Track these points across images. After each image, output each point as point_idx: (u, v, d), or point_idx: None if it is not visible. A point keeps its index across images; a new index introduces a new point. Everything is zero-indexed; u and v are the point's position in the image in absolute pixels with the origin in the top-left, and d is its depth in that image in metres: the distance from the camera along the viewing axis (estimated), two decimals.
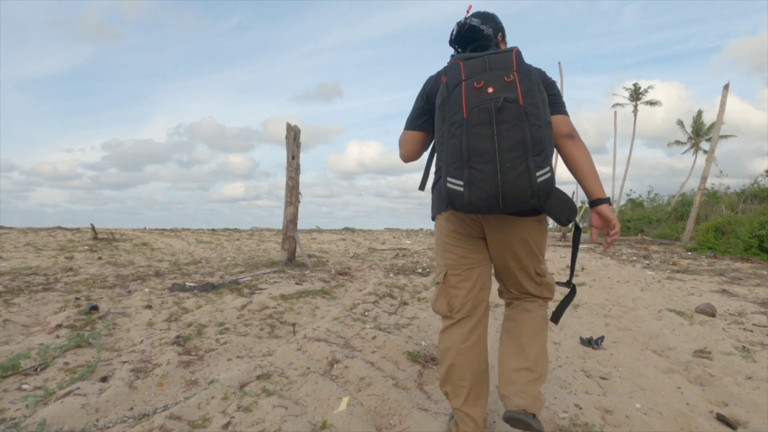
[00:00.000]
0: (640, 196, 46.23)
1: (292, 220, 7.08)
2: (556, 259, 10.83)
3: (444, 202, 1.37)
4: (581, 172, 1.46)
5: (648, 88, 35.01)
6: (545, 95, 1.33)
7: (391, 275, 6.17)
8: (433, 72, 1.58)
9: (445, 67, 1.40)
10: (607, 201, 1.49)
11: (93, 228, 11.23)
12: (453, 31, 1.54)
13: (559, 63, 32.34)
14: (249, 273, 5.90)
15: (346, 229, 27.77)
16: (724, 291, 5.44)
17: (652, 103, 35.41)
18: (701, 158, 35.26)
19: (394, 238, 20.43)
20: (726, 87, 19.75)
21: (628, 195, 44.99)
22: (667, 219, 29.65)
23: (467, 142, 1.23)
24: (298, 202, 7.18)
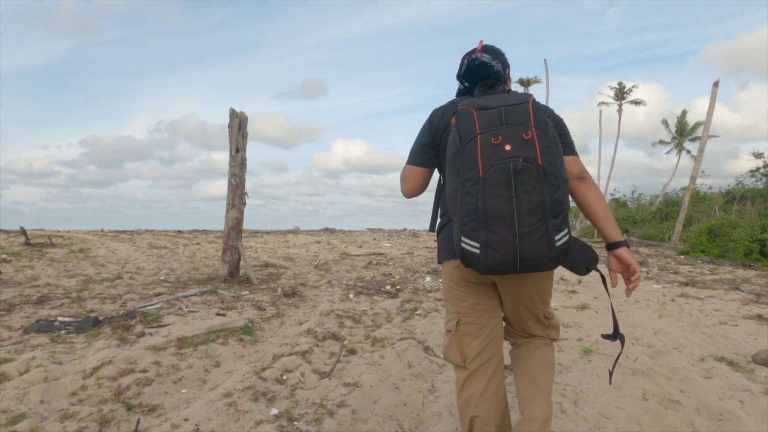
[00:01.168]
0: (624, 195, 46.08)
1: (234, 227, 5.78)
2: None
3: (452, 252, 1.38)
4: (595, 215, 1.39)
5: (632, 87, 34.45)
6: (561, 146, 1.27)
7: (352, 296, 4.93)
8: (432, 100, 1.47)
9: (455, 108, 1.33)
10: (625, 244, 1.39)
11: (23, 232, 9.72)
12: (462, 65, 1.44)
13: (544, 60, 31.51)
14: (170, 295, 4.60)
15: (326, 229, 26.44)
16: (760, 317, 4.35)
17: (636, 102, 34.84)
18: (684, 158, 34.86)
19: (374, 240, 19.16)
20: (716, 84, 18.98)
21: (612, 195, 44.64)
22: (652, 219, 29.08)
23: (484, 203, 1.17)
24: (244, 204, 5.88)
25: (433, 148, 1.44)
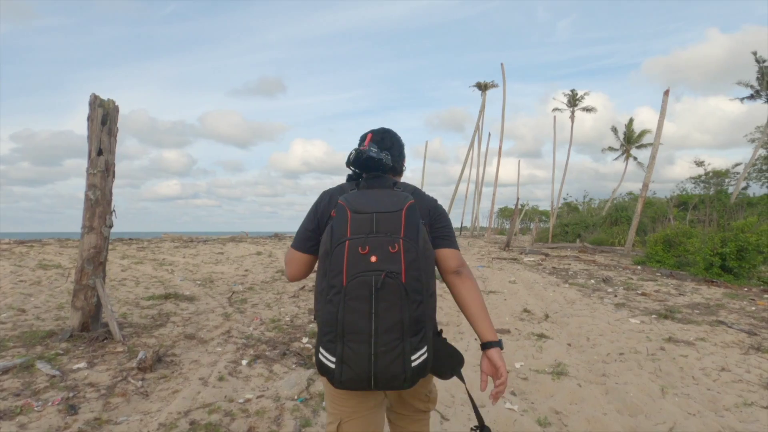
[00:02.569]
0: (576, 200, 46.96)
1: (92, 258, 4.13)
2: (493, 276, 8.41)
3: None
4: (469, 311, 1.33)
5: (584, 94, 34.88)
6: (431, 252, 1.28)
7: (245, 362, 3.45)
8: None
9: (337, 198, 1.30)
10: (498, 345, 1.30)
11: None
12: (351, 155, 1.36)
13: (501, 65, 31.17)
14: None
15: (275, 235, 24.57)
16: None
17: (588, 109, 35.32)
18: (632, 164, 35.68)
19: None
20: (666, 93, 18.89)
21: (565, 199, 45.34)
22: (603, 224, 29.34)
23: (344, 316, 1.14)
24: (108, 226, 4.24)
25: (317, 234, 1.37)
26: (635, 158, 35.22)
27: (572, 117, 35.37)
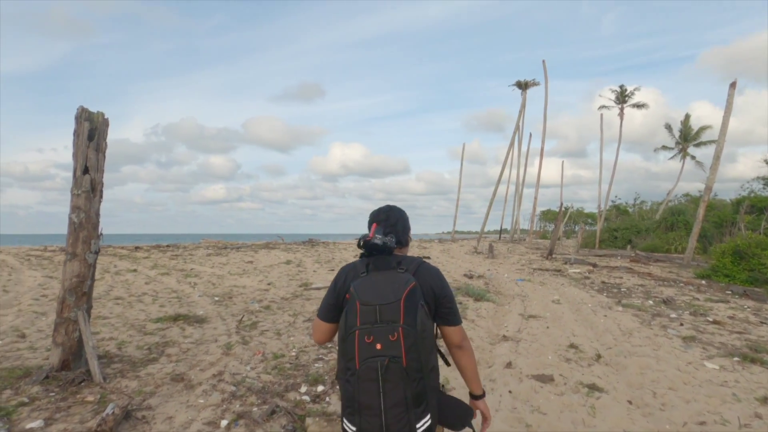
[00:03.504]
0: (626, 202, 43.86)
1: (75, 288, 3.71)
2: (534, 294, 7.38)
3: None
4: (464, 375, 1.60)
5: (634, 90, 32.43)
6: (429, 332, 1.43)
7: (225, 422, 2.87)
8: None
9: (355, 274, 1.51)
10: (482, 397, 1.63)
11: None
12: (360, 241, 1.54)
13: (543, 62, 29.52)
14: None
15: (309, 241, 24.41)
16: None
17: (638, 105, 32.82)
18: (688, 163, 32.78)
19: (355, 257, 17.15)
20: (732, 85, 16.88)
21: (613, 201, 42.49)
22: (656, 229, 26.93)
23: (359, 395, 1.35)
24: (94, 253, 3.81)
25: (337, 307, 1.55)
26: (693, 157, 32.33)
27: (621, 114, 32.98)
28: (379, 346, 1.33)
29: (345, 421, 1.41)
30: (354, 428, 1.37)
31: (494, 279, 11.41)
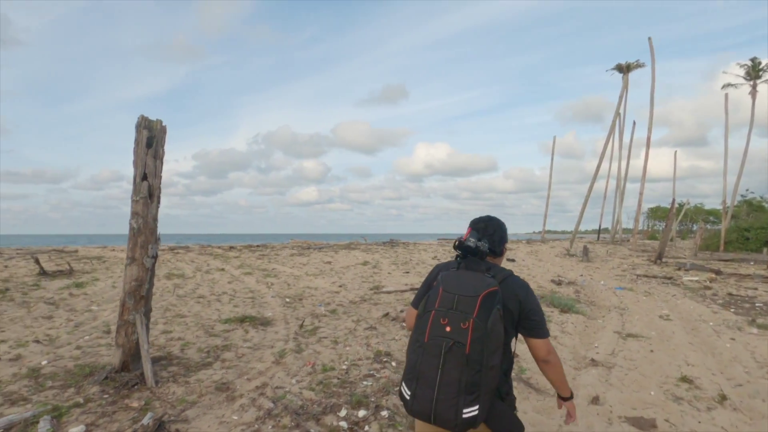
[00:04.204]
0: (761, 197, 36.66)
1: (134, 292, 3.81)
2: (636, 307, 6.21)
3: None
4: (554, 382, 1.71)
5: None
6: (499, 333, 1.49)
7: None
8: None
9: (441, 272, 1.63)
10: (571, 398, 1.76)
11: (37, 261, 9.00)
12: (455, 243, 1.65)
13: (649, 39, 26.01)
14: None
15: (390, 241, 24.38)
16: None
17: None
18: None
19: (434, 258, 16.51)
20: None
21: (743, 196, 35.91)
22: None
23: (420, 364, 1.48)
24: (152, 257, 3.89)
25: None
26: None
27: (753, 92, 27.69)
28: (448, 329, 1.44)
29: (403, 384, 1.53)
30: (409, 392, 1.49)
31: (587, 286, 10.08)
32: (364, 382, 3.66)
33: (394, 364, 4.19)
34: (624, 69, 27.86)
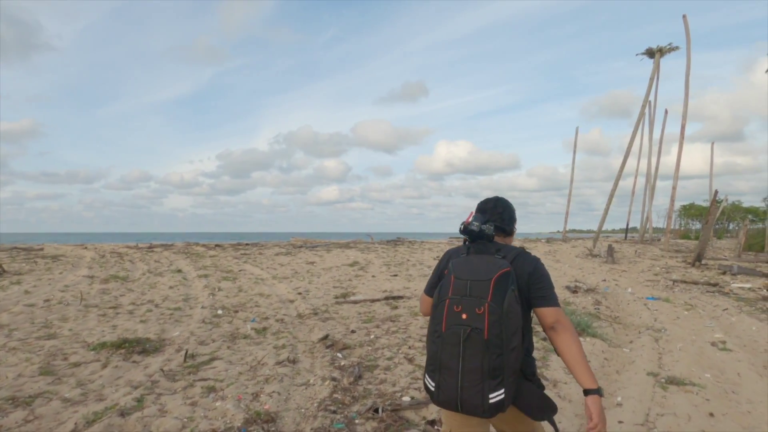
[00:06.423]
0: None
1: None
2: (674, 327, 4.20)
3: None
4: (566, 361, 1.48)
5: None
6: (516, 314, 1.41)
7: None
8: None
9: (456, 256, 1.58)
10: (596, 392, 1.42)
11: None
12: (460, 227, 1.60)
13: (683, 17, 23.22)
14: None
15: (397, 240, 22.61)
16: None
17: None
18: None
19: (436, 259, 14.66)
20: None
21: None
22: None
23: (441, 355, 1.43)
24: None
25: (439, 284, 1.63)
26: None
27: None
28: (464, 316, 1.40)
29: (427, 377, 1.50)
30: (433, 384, 1.45)
31: (611, 295, 8.05)
32: None
33: None
34: (655, 53, 25.14)
